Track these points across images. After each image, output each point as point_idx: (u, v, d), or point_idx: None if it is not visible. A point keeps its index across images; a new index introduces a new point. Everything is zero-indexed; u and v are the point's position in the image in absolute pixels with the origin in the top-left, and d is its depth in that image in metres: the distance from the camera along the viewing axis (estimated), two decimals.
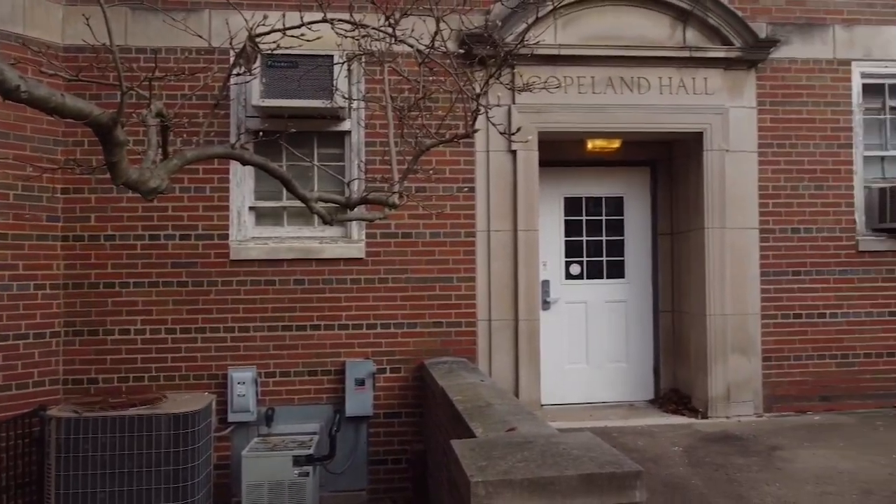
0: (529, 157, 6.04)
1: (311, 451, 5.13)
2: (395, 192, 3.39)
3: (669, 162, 6.88)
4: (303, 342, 5.82)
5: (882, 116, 6.63)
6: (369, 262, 5.90)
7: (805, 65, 6.42)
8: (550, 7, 5.93)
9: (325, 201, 3.42)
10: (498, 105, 5.96)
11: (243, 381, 5.61)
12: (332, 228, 5.94)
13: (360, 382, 5.75)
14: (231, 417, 5.62)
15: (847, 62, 6.47)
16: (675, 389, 6.75)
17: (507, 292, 6.00)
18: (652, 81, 6.16)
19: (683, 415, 6.29)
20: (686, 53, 6.11)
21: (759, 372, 6.26)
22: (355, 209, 5.17)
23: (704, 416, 6.15)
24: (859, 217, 6.44)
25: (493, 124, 4.10)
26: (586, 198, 6.89)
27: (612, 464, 2.43)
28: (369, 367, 5.77)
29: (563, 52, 5.99)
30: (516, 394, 5.95)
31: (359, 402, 5.74)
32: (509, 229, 6.02)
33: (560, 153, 6.69)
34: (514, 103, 6.01)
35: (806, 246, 6.37)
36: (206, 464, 5.04)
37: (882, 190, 6.40)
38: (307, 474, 5.06)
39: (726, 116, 6.23)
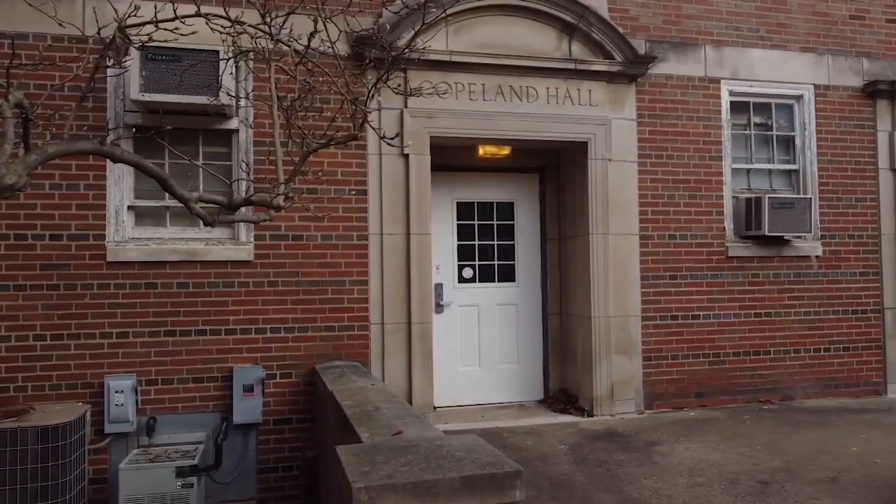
0: (422, 161, 6.08)
1: (195, 461, 4.92)
2: (279, 194, 3.32)
3: (557, 169, 7.11)
4: (187, 348, 5.58)
5: (748, 132, 7.15)
6: (258, 264, 5.75)
7: (680, 81, 6.82)
8: (441, 13, 6.00)
9: (207, 202, 3.29)
10: (385, 108, 6.02)
11: (121, 390, 5.31)
12: (219, 230, 5.75)
13: (249, 388, 5.58)
14: (108, 428, 5.30)
15: (717, 80, 6.93)
16: (564, 389, 6.98)
17: (399, 296, 6.01)
18: (540, 91, 6.35)
19: (571, 413, 6.51)
20: (572, 65, 6.35)
21: (640, 371, 6.58)
22: (240, 210, 5.02)
23: (590, 415, 6.40)
24: (728, 225, 6.90)
25: (374, 128, 4.08)
26: (478, 203, 7.01)
27: (494, 465, 2.48)
28: (258, 373, 5.61)
29: (455, 58, 6.07)
30: (409, 396, 5.97)
31: (247, 408, 5.57)
32: (402, 233, 6.03)
33: (452, 158, 6.78)
34: (406, 107, 6.03)
35: (681, 251, 6.76)
36: (79, 478, 4.74)
37: (748, 200, 6.90)
38: (191, 485, 4.85)
39: (609, 127, 6.52)
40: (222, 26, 2.76)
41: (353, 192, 5.97)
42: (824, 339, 7.13)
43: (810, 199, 6.91)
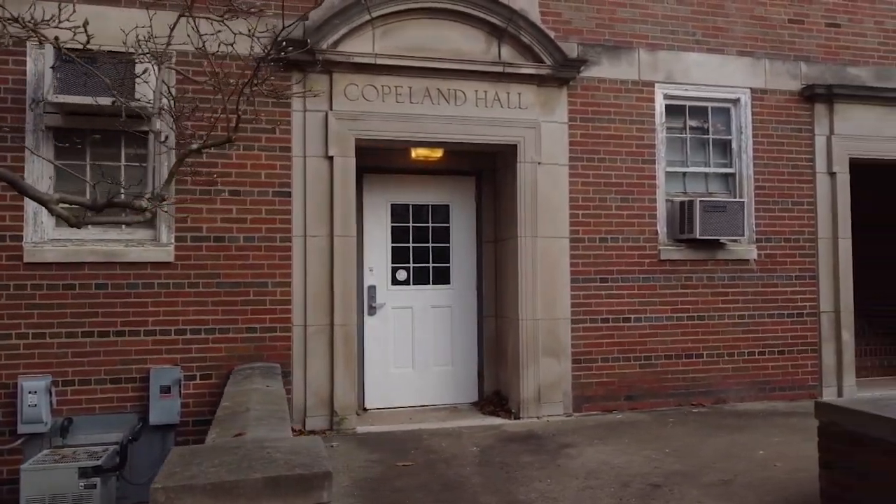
0: (346, 163, 6.09)
1: (99, 462, 4.93)
2: (144, 196, 3.34)
3: (494, 172, 7.12)
4: (105, 349, 5.60)
5: (683, 135, 7.16)
6: (178, 266, 5.76)
7: (613, 84, 6.83)
8: (367, 17, 6.04)
9: (70, 203, 3.31)
10: (310, 111, 6.04)
11: (35, 391, 5.32)
12: (141, 231, 5.78)
13: (166, 390, 5.60)
14: (21, 429, 5.32)
15: (651, 84, 6.94)
16: (498, 392, 6.98)
17: (323, 298, 6.02)
18: (468, 94, 6.37)
19: (499, 416, 6.51)
20: (500, 68, 6.36)
21: (570, 374, 6.59)
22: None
23: (517, 417, 6.40)
24: (661, 228, 6.91)
25: (235, 133, 3.96)
26: (414, 205, 7.03)
27: (304, 466, 2.50)
28: (175, 374, 5.63)
29: (380, 61, 6.09)
30: (332, 398, 5.99)
31: (164, 409, 5.59)
32: (326, 235, 6.04)
33: (387, 160, 6.81)
34: (331, 110, 6.06)
35: (613, 254, 6.76)
36: None
37: (682, 203, 6.91)
38: (94, 486, 4.86)
39: (539, 130, 6.53)
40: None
41: (277, 194, 5.99)
42: (759, 342, 7.13)
43: (743, 202, 6.92)
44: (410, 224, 7.01)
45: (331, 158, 6.06)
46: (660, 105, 6.96)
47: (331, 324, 6.01)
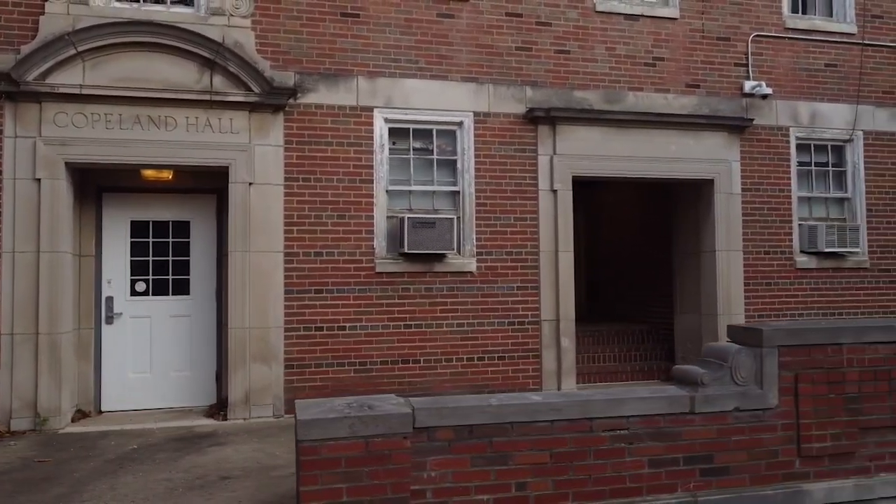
0: (55, 185, 6.63)
1: None
2: None
3: None
4: None
5: (408, 156, 7.69)
6: None
7: (331, 110, 7.37)
8: (74, 51, 6.59)
9: None
10: (20, 137, 6.56)
11: None
12: None
13: None
14: None
15: (370, 109, 7.47)
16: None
17: (29, 309, 6.55)
18: (179, 120, 6.91)
19: (216, 418, 7.03)
20: (208, 97, 6.91)
21: (281, 378, 7.11)
22: None
23: (226, 419, 6.92)
24: (380, 242, 7.43)
25: None
26: (155, 221, 7.56)
27: None
28: None
29: (87, 91, 6.63)
30: (36, 401, 6.51)
31: None
32: (33, 251, 6.57)
33: (127, 180, 7.36)
34: (40, 136, 6.60)
35: (328, 267, 7.29)
36: None
37: (401, 220, 7.43)
38: None
39: (251, 153, 7.07)
40: None
41: None
42: (478, 349, 7.65)
43: (452, 218, 7.44)
44: (150, 239, 7.55)
45: (38, 181, 6.60)
46: (379, 128, 7.49)
47: (37, 333, 6.54)
